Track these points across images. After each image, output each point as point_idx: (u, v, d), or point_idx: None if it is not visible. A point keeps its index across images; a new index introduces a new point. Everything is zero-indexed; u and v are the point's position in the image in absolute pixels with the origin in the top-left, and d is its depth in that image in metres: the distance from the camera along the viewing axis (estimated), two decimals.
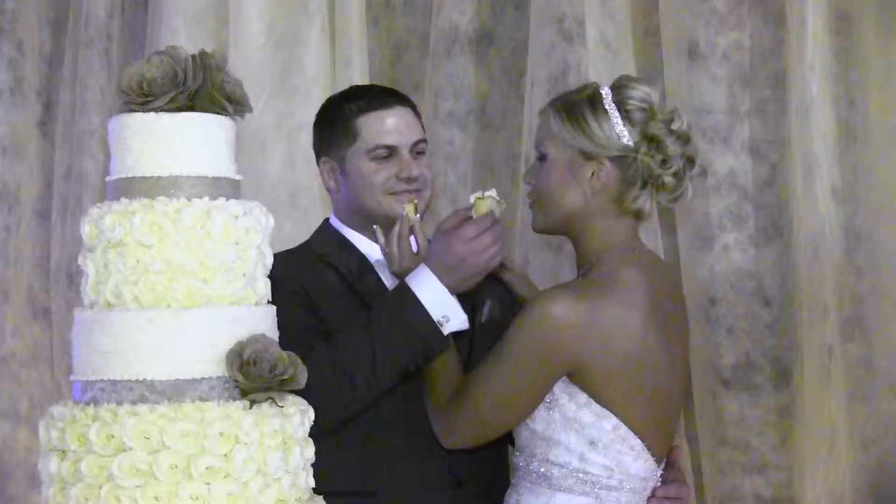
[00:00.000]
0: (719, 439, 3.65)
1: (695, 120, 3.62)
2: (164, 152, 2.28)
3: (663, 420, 2.51)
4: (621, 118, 2.45)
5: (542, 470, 2.46)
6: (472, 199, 2.56)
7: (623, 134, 2.44)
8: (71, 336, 2.30)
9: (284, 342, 2.34)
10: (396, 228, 2.59)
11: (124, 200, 2.26)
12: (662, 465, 2.55)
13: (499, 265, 2.68)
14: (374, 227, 2.67)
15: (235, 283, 2.27)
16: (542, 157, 2.52)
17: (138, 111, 2.29)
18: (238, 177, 2.37)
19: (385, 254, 2.62)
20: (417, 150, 2.75)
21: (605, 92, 2.48)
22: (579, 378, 2.41)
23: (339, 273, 2.70)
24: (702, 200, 3.61)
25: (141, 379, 2.20)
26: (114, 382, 2.21)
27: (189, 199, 2.26)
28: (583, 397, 2.41)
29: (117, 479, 2.13)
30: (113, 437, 2.14)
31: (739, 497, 3.65)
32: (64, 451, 2.20)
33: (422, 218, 2.66)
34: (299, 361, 2.27)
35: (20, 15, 4.11)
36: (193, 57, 2.31)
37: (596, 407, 2.41)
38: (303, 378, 2.27)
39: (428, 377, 2.54)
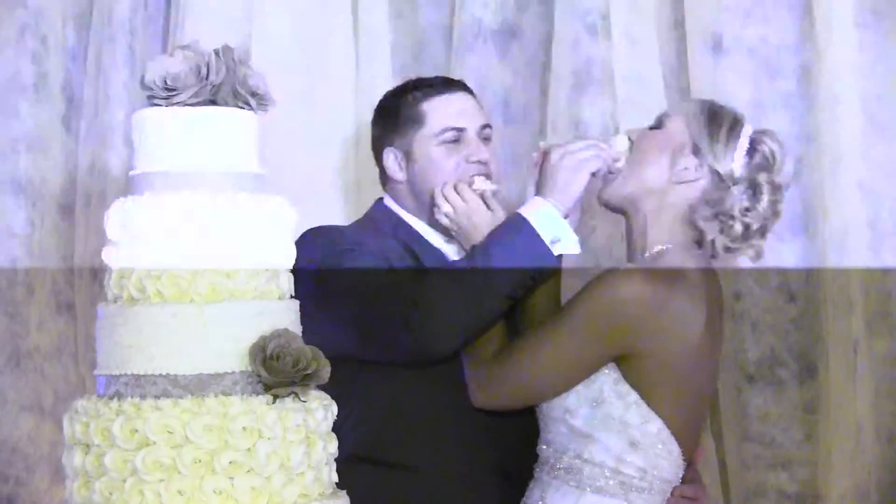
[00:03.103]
0: (744, 434, 3.63)
1: None
2: (188, 147, 2.28)
3: (699, 425, 2.51)
4: (748, 151, 2.48)
5: (573, 466, 2.44)
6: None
7: (738, 161, 2.47)
8: (95, 330, 2.31)
9: (387, 288, 2.46)
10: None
11: (147, 195, 2.26)
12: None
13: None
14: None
15: (258, 277, 2.27)
16: (657, 125, 2.54)
17: (162, 106, 2.29)
18: (261, 171, 2.37)
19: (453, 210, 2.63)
20: (484, 136, 2.75)
21: (748, 125, 2.52)
22: (631, 369, 2.39)
23: (405, 247, 2.70)
24: None
25: (164, 373, 2.20)
26: (137, 377, 2.21)
27: (212, 194, 2.26)
28: (633, 396, 2.39)
29: (141, 473, 2.13)
30: (136, 431, 2.15)
31: (764, 492, 3.64)
32: (88, 445, 2.20)
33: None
34: (322, 356, 2.27)
35: (44, 10, 4.12)
36: (216, 51, 2.31)
37: (644, 408, 2.39)
38: (325, 373, 2.27)
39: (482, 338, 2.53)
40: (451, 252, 2.73)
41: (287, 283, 2.34)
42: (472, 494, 2.62)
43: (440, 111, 2.72)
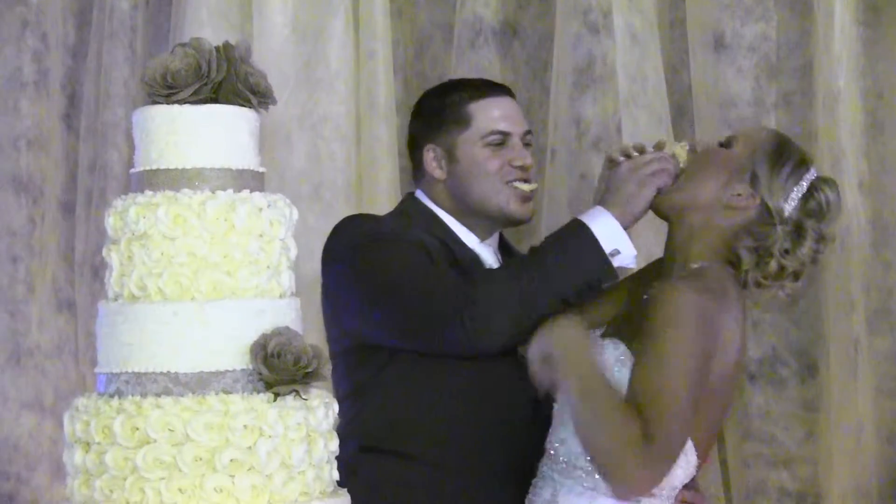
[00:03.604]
0: (745, 433, 3.63)
1: (720, 112, 3.60)
2: (188, 144, 2.28)
3: (716, 437, 2.51)
4: (804, 195, 2.45)
5: (590, 468, 2.39)
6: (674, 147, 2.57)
7: (792, 202, 2.45)
8: (95, 328, 2.31)
9: (434, 277, 2.47)
10: None
11: (148, 193, 2.26)
12: None
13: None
14: None
15: (259, 275, 2.27)
16: (727, 144, 2.51)
17: (162, 103, 2.29)
18: (262, 169, 2.36)
19: None
20: (526, 142, 2.75)
21: (812, 171, 2.49)
22: None
23: (442, 243, 2.69)
24: None
25: (165, 371, 2.20)
26: (138, 375, 2.21)
27: (213, 192, 2.26)
28: None
29: (142, 471, 2.13)
30: (137, 429, 2.15)
31: (765, 490, 3.64)
32: (88, 443, 2.20)
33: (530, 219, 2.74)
34: (323, 354, 2.27)
35: (45, 7, 4.12)
36: (217, 49, 2.31)
37: None
38: (327, 371, 2.27)
39: (600, 413, 2.33)
40: (485, 254, 2.73)
41: (288, 281, 2.34)
42: (485, 492, 2.62)
43: (487, 114, 2.72)
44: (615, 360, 2.40)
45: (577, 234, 2.48)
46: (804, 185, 2.46)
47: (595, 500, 2.39)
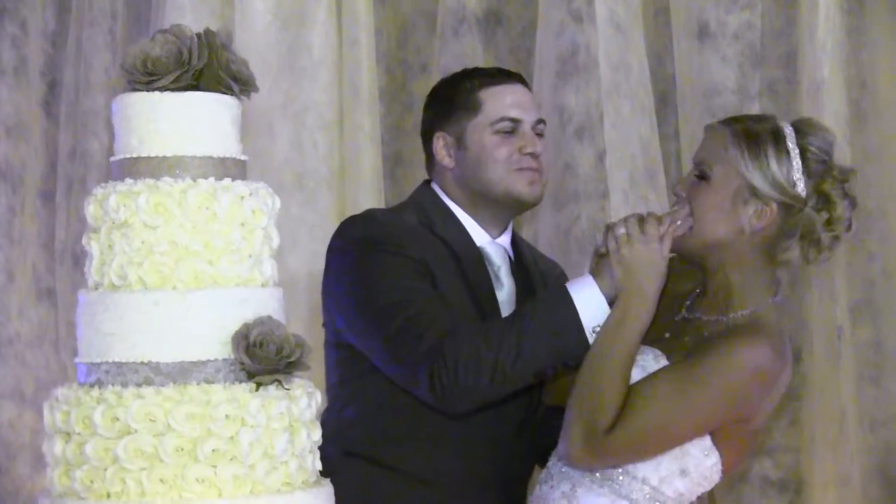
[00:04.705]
0: None
1: (704, 101, 3.61)
2: (169, 132, 2.26)
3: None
4: (801, 165, 2.34)
5: (611, 474, 2.37)
6: None
7: (799, 180, 2.34)
8: (75, 318, 2.29)
9: (423, 314, 2.42)
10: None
11: (129, 181, 2.25)
12: None
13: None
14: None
15: (241, 264, 2.25)
16: (703, 177, 2.38)
17: (142, 90, 2.27)
18: (244, 157, 2.35)
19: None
20: (538, 131, 2.69)
21: (788, 131, 2.36)
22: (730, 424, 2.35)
23: (447, 246, 2.65)
24: None
25: (146, 361, 2.18)
26: (119, 365, 2.20)
27: (194, 180, 2.24)
28: None
29: (122, 461, 2.12)
30: (118, 419, 2.13)
31: (748, 479, 3.65)
32: (69, 434, 2.19)
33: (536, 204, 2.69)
34: (305, 343, 2.25)
35: None
36: (199, 36, 2.29)
37: (708, 442, 2.34)
38: (308, 360, 2.25)
39: (598, 394, 2.33)
40: (494, 254, 2.69)
41: (270, 270, 2.32)
42: (470, 501, 2.60)
43: (497, 100, 2.67)
44: (642, 369, 2.37)
45: (562, 308, 2.40)
46: (796, 154, 2.34)
47: (616, 503, 2.37)
